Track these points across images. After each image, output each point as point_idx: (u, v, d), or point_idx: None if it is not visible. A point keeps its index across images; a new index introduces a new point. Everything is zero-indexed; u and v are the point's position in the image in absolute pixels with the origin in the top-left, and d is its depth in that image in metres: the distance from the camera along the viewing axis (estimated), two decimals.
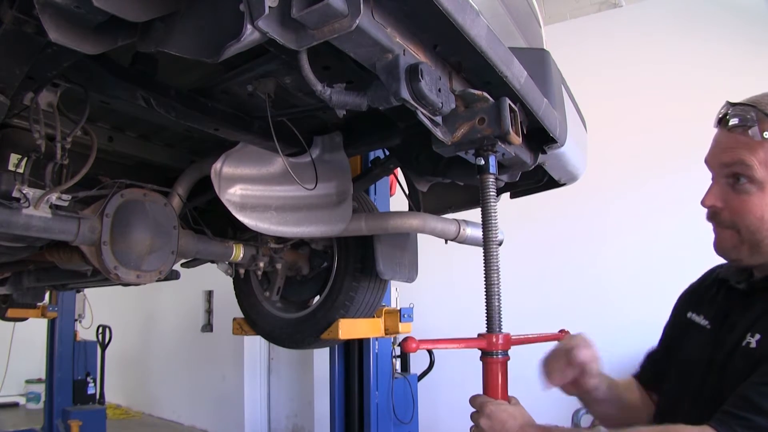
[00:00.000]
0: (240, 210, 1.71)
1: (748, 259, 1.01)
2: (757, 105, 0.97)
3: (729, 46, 4.51)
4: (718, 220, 1.03)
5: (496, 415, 1.03)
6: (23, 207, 1.36)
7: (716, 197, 1.02)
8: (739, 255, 1.01)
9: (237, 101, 1.60)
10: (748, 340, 0.95)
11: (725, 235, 1.02)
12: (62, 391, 5.18)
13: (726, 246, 1.02)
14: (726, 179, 1.00)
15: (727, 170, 1.00)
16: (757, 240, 0.98)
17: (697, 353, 1.06)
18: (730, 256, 1.03)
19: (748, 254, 1.00)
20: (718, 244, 1.04)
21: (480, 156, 1.16)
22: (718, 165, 1.02)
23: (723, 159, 1.00)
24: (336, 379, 3.12)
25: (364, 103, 1.03)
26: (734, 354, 0.96)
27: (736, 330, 0.99)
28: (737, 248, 1.01)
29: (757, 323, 0.96)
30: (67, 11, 0.86)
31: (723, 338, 1.02)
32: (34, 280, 2.38)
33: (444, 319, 4.82)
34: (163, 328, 8.09)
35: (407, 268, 2.22)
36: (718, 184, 1.02)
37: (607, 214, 4.83)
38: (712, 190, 1.03)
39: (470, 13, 0.94)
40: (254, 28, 0.76)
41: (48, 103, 1.38)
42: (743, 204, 0.98)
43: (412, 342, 1.13)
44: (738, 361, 0.95)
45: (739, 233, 0.99)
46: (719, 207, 1.01)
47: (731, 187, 0.99)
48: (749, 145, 0.96)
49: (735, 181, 0.98)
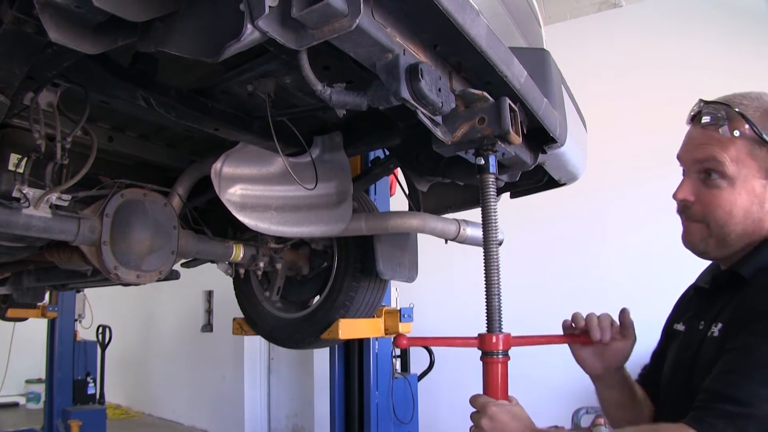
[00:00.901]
0: (240, 210, 1.71)
1: (715, 251, 1.04)
2: (729, 103, 1.01)
3: (729, 46, 4.51)
4: (689, 213, 1.06)
5: (498, 416, 1.03)
6: (23, 207, 1.36)
7: (688, 191, 1.05)
8: (707, 247, 1.05)
9: (237, 101, 1.60)
10: (711, 330, 0.99)
11: (694, 228, 1.05)
12: (62, 391, 5.18)
13: (694, 239, 1.06)
14: (698, 174, 1.04)
15: (699, 166, 1.03)
16: (724, 233, 1.01)
17: (676, 357, 1.10)
18: (698, 248, 1.06)
19: (715, 246, 1.03)
20: (687, 236, 1.08)
21: (480, 156, 1.16)
22: (691, 161, 1.05)
23: (696, 155, 1.04)
24: (336, 379, 3.12)
25: (364, 102, 1.03)
26: (701, 347, 1.00)
27: (703, 325, 1.03)
28: (705, 241, 1.04)
29: (719, 314, 1.00)
30: (67, 11, 0.86)
31: (693, 336, 1.05)
32: (34, 280, 2.38)
33: (444, 319, 4.82)
34: (163, 328, 8.09)
35: (407, 267, 2.22)
36: (690, 178, 1.05)
37: (607, 214, 4.83)
38: (684, 184, 1.06)
39: (470, 13, 0.94)
40: (254, 28, 0.76)
41: (48, 103, 1.38)
42: (714, 198, 1.01)
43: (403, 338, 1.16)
44: (705, 352, 0.98)
45: (708, 227, 1.03)
46: (691, 201, 1.04)
47: (703, 182, 1.03)
48: (721, 142, 0.99)
49: (707, 176, 1.02)
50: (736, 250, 1.03)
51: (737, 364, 0.88)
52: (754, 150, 0.98)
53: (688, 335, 1.08)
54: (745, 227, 1.00)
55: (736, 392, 0.85)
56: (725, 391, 0.86)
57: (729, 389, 0.86)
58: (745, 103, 1.00)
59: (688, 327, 1.10)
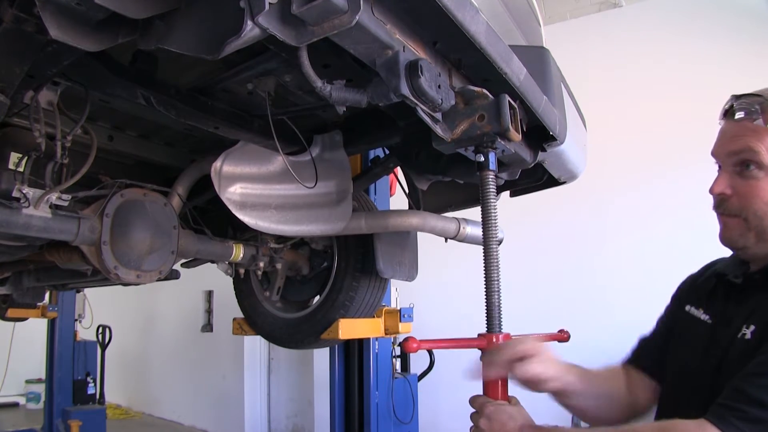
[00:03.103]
0: (240, 208, 1.71)
1: (755, 246, 1.01)
2: (763, 95, 1.00)
3: (729, 45, 4.51)
4: (725, 207, 1.03)
5: (496, 416, 1.03)
6: (23, 207, 1.36)
7: (725, 184, 1.03)
8: (746, 242, 1.02)
9: (237, 100, 1.60)
10: (743, 332, 0.96)
11: (732, 223, 1.03)
12: (62, 391, 5.17)
13: (733, 234, 1.03)
14: (734, 167, 1.02)
15: (735, 158, 1.01)
16: (764, 226, 0.98)
17: (698, 348, 1.06)
18: (737, 244, 1.04)
19: (755, 241, 1.01)
20: (725, 232, 1.05)
21: (480, 153, 1.16)
22: (726, 154, 1.03)
23: (731, 147, 1.02)
24: (336, 379, 3.11)
25: (364, 99, 1.03)
26: (731, 347, 0.97)
27: (732, 324, 1.00)
28: (744, 236, 1.01)
29: (752, 315, 0.97)
30: (68, 8, 0.86)
31: (721, 333, 1.02)
32: (34, 280, 2.38)
33: (444, 319, 4.82)
34: (163, 328, 8.09)
35: (407, 266, 2.22)
36: (726, 172, 1.03)
37: (607, 214, 4.83)
38: (721, 178, 1.04)
39: (470, 10, 0.94)
40: (254, 25, 0.76)
41: (48, 102, 1.38)
42: (752, 189, 0.99)
43: (413, 342, 1.12)
44: (734, 353, 0.96)
45: (747, 220, 1.00)
46: (728, 194, 1.02)
47: (739, 174, 1.01)
48: (757, 132, 0.98)
49: (743, 168, 1.00)
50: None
51: None
52: None
53: (714, 330, 1.05)
54: None
55: (763, 395, 0.84)
56: (753, 393, 0.85)
57: (756, 392, 0.84)
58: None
59: (713, 320, 1.07)
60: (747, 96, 1.01)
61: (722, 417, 0.84)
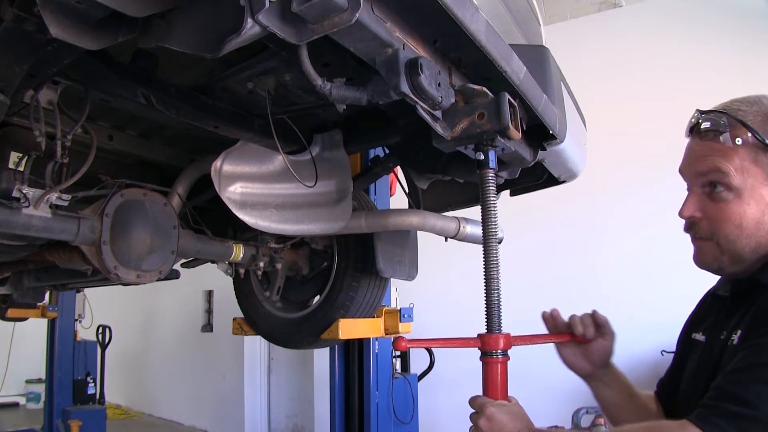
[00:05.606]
0: (240, 208, 1.71)
1: (730, 268, 0.99)
2: (728, 111, 0.96)
3: (729, 46, 4.52)
4: (696, 230, 1.01)
5: (496, 417, 1.03)
6: (23, 206, 1.36)
7: (694, 207, 1.00)
8: (721, 265, 0.99)
9: (237, 99, 1.60)
10: (731, 339, 0.95)
11: (705, 247, 1.00)
12: (62, 391, 5.17)
13: (707, 258, 1.01)
14: (702, 188, 0.98)
15: (703, 179, 0.98)
16: (737, 249, 0.96)
17: (696, 369, 1.06)
18: (711, 266, 1.01)
19: (729, 263, 0.98)
20: (698, 256, 1.03)
21: (480, 151, 1.16)
22: (694, 174, 1.00)
23: (698, 168, 0.98)
24: (336, 379, 3.12)
25: (364, 97, 1.03)
26: (722, 355, 0.96)
27: (724, 335, 0.99)
28: (718, 259, 0.99)
29: (740, 322, 0.96)
30: (68, 7, 0.86)
31: (714, 345, 1.02)
32: (34, 280, 2.38)
33: (444, 318, 4.82)
34: (163, 328, 8.09)
35: (407, 266, 2.22)
36: (695, 193, 1.00)
37: (605, 215, 4.83)
38: (689, 200, 1.01)
39: (469, 8, 0.94)
40: (254, 22, 0.76)
41: (48, 101, 1.38)
42: (722, 213, 0.96)
43: (402, 341, 1.16)
44: (725, 360, 0.94)
45: (719, 244, 0.97)
46: (698, 217, 0.99)
47: (708, 195, 0.98)
48: (723, 152, 0.94)
49: (712, 189, 0.96)
50: (752, 263, 0.97)
51: (745, 363, 0.86)
52: (758, 157, 0.93)
53: (709, 346, 1.04)
54: (758, 239, 0.94)
55: (740, 391, 0.83)
56: (730, 389, 0.85)
57: (734, 388, 0.84)
58: (743, 109, 0.95)
59: (709, 338, 1.06)
60: (712, 113, 0.98)
61: (702, 416, 0.84)
